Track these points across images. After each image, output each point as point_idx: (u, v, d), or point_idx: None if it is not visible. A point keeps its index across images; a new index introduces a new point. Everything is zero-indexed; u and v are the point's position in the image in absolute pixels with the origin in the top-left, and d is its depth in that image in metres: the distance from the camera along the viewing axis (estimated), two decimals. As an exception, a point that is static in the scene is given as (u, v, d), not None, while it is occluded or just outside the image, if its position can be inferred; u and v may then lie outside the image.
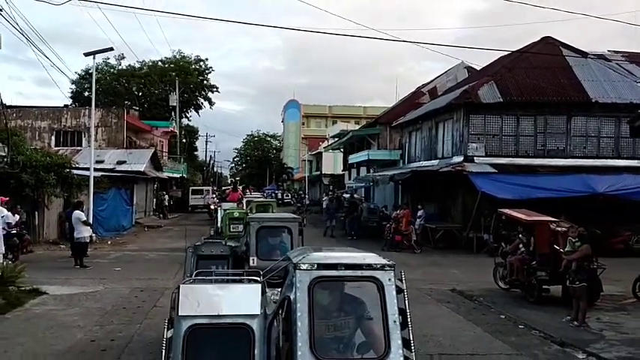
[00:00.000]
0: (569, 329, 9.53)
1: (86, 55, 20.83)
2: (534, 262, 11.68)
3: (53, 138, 36.00)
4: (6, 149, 13.81)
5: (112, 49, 21.52)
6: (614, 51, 27.73)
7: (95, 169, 21.64)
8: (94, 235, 17.79)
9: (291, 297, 3.79)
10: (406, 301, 3.91)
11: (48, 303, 10.95)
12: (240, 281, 4.34)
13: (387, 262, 3.97)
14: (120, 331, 8.89)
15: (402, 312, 3.85)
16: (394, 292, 3.86)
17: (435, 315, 10.52)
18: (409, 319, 3.85)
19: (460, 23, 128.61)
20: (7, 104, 41.14)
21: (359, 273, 3.89)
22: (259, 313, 3.84)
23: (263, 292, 4.00)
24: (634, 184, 19.90)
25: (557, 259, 10.98)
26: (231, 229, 15.06)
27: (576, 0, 36.26)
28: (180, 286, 3.90)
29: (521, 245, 12.31)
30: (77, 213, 15.77)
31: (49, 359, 7.57)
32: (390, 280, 3.87)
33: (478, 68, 30.53)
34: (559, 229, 11.35)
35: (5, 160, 12.80)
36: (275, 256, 7.57)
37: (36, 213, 19.51)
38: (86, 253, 15.80)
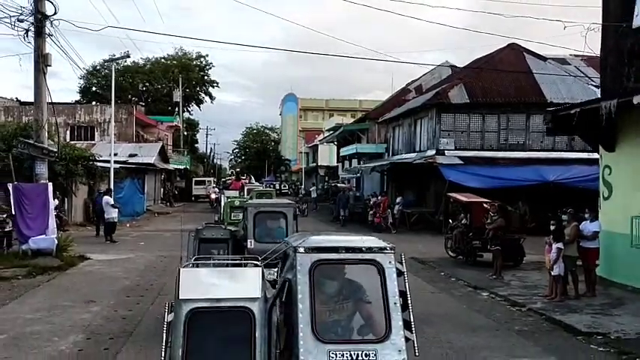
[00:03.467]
0: (487, 280, 12.85)
1: (106, 62, 24.01)
2: (471, 234, 15.01)
3: (68, 133, 39.09)
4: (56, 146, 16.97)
5: (128, 55, 24.73)
6: (575, 55, 30.87)
7: (111, 161, 24.92)
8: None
9: (292, 280, 3.83)
10: (406, 284, 3.93)
11: (95, 264, 14.35)
12: (240, 265, 4.35)
13: (387, 245, 3.99)
14: (155, 280, 12.21)
15: (402, 294, 3.88)
16: (394, 275, 3.87)
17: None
18: (409, 301, 3.89)
19: (464, 13, 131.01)
20: (24, 100, 44.58)
21: (359, 256, 3.92)
22: (259, 296, 3.86)
23: (263, 276, 4.02)
24: (579, 173, 23.14)
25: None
26: (232, 217, 15.55)
27: None
28: (181, 270, 3.91)
29: (463, 221, 15.62)
30: (106, 198, 19.18)
31: (107, 294, 10.85)
32: (390, 262, 3.89)
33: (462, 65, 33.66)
34: (489, 207, 14.62)
35: (55, 154, 15.95)
36: (271, 240, 8.11)
37: (65, 199, 22.75)
38: (114, 231, 19.14)
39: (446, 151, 25.56)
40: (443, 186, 24.04)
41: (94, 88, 56.63)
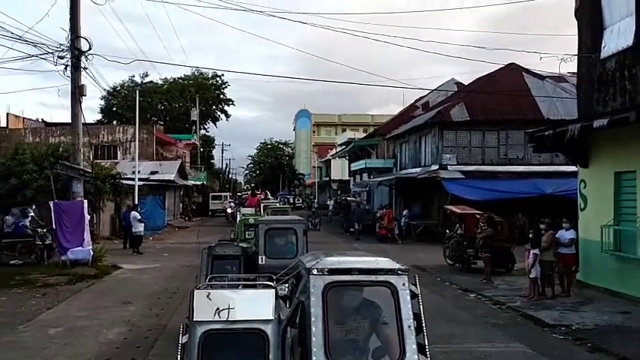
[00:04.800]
0: (477, 284, 14.25)
1: (133, 86, 25.89)
2: (465, 243, 16.44)
3: (92, 152, 41.13)
4: (90, 167, 18.78)
5: (147, 74, 26.57)
6: (573, 73, 32.15)
7: (136, 179, 26.76)
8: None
9: (305, 302, 3.79)
10: (421, 306, 3.90)
11: (126, 273, 16.04)
12: (254, 285, 4.37)
13: (401, 267, 3.96)
14: (181, 285, 13.76)
15: (416, 317, 3.83)
16: (408, 297, 3.82)
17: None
18: (424, 324, 3.85)
19: (478, 27, 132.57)
20: (50, 121, 46.86)
21: (373, 278, 3.87)
22: (273, 318, 3.85)
23: (276, 297, 4.02)
24: (575, 186, 24.40)
25: (479, 240, 15.72)
26: (246, 236, 15.45)
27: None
28: (195, 291, 3.93)
29: (458, 231, 17.07)
30: (134, 213, 20.97)
31: (141, 297, 12.46)
32: (404, 284, 3.85)
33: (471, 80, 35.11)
34: (480, 218, 16.06)
35: (90, 174, 17.73)
36: (282, 256, 8.45)
37: (94, 215, 24.52)
38: (141, 243, 20.85)
39: (448, 166, 27.01)
40: (446, 199, 25.49)
41: (114, 108, 58.98)
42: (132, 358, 7.97)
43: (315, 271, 3.85)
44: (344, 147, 52.97)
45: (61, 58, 15.85)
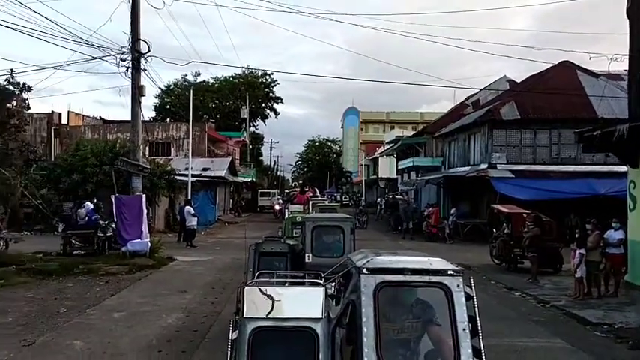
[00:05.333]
0: (523, 283, 14.31)
1: (186, 86, 26.92)
2: (512, 242, 16.46)
3: (147, 149, 42.76)
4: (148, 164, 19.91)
5: (199, 73, 27.47)
6: (629, 70, 31.25)
7: (189, 175, 27.82)
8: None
9: (356, 301, 3.75)
10: (476, 309, 3.82)
11: (181, 264, 16.87)
12: (303, 283, 4.37)
13: (455, 268, 3.88)
14: (232, 277, 14.42)
15: (471, 319, 3.74)
16: (463, 299, 3.74)
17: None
18: (479, 327, 3.76)
19: (532, 24, 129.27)
20: (107, 119, 48.95)
21: (426, 278, 3.80)
22: (323, 316, 3.82)
23: (326, 296, 3.99)
24: (629, 186, 23.88)
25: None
26: (294, 234, 15.42)
27: (607, 19, 39.12)
28: (245, 287, 3.95)
29: (505, 230, 17.08)
30: (187, 208, 21.91)
31: (196, 287, 13.17)
32: (458, 286, 3.76)
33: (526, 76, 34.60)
34: (527, 218, 16.04)
35: (149, 170, 18.75)
36: (329, 254, 8.50)
37: (150, 209, 25.67)
38: (194, 237, 21.76)
39: (498, 165, 26.82)
40: (495, 198, 25.37)
41: (168, 106, 60.95)
42: (190, 340, 8.60)
43: (365, 271, 3.78)
44: (392, 145, 52.99)
45: (123, 60, 16.80)
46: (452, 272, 3.85)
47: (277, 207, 42.32)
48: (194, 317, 10.10)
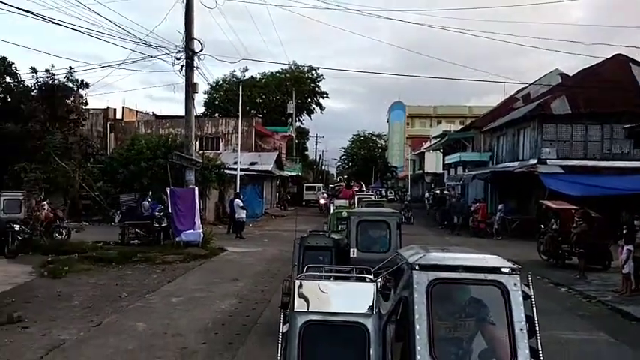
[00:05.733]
0: (570, 279, 14.26)
1: (235, 80, 27.67)
2: (560, 238, 16.35)
3: (197, 143, 43.98)
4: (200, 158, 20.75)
5: (247, 68, 28.13)
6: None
7: (238, 169, 28.65)
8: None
9: (408, 298, 3.71)
10: (534, 308, 3.77)
11: (232, 255, 17.56)
12: (354, 278, 4.34)
13: (512, 265, 3.78)
14: (280, 268, 14.93)
15: (529, 319, 3.67)
16: (520, 298, 3.65)
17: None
18: (537, 327, 3.72)
19: (587, 14, 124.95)
20: (160, 114, 50.60)
21: (481, 276, 3.74)
22: (375, 312, 3.81)
23: (378, 291, 3.97)
24: (685, 182, 23.15)
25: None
26: (339, 229, 15.21)
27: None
28: (296, 281, 3.97)
29: (553, 226, 16.97)
30: (237, 201, 22.67)
31: (247, 276, 13.76)
32: (515, 284, 3.67)
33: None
34: (576, 214, 15.90)
35: (201, 164, 19.55)
36: (374, 249, 8.47)
37: (201, 202, 26.59)
38: (243, 229, 22.48)
39: (548, 161, 26.42)
40: (543, 194, 25.04)
41: (216, 101, 62.38)
42: (242, 324, 9.16)
43: (418, 267, 3.72)
44: (438, 140, 52.66)
45: (178, 59, 17.54)
46: (509, 270, 3.72)
47: (322, 201, 42.78)
48: (246, 304, 10.66)
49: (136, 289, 11.99)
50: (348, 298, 3.88)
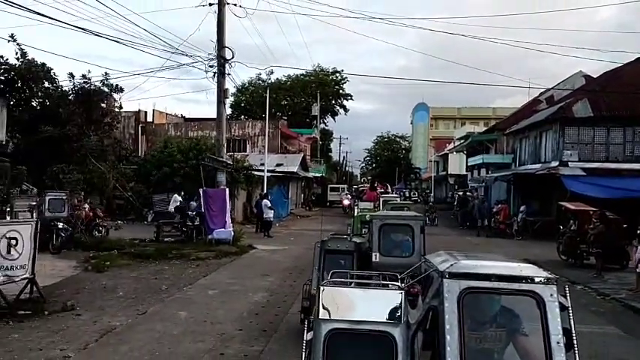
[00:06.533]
0: (587, 278, 14.75)
1: (262, 84, 28.57)
2: (578, 239, 16.82)
3: (225, 145, 45.08)
4: (230, 160, 21.69)
5: (272, 72, 29.04)
6: None
7: (265, 170, 29.57)
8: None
9: (439, 307, 3.58)
10: (571, 320, 3.64)
11: (261, 252, 18.43)
12: (381, 285, 4.22)
13: (549, 275, 3.66)
14: (307, 265, 15.61)
15: (566, 332, 3.52)
16: (557, 310, 3.51)
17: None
18: (575, 341, 3.58)
19: (616, 10, 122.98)
20: (189, 117, 51.90)
21: (516, 286, 3.58)
22: (402, 321, 3.69)
23: (406, 299, 3.85)
24: None
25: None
26: (363, 233, 15.53)
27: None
28: (321, 287, 3.87)
29: (572, 227, 17.44)
30: (265, 201, 23.60)
31: (276, 271, 14.58)
32: (552, 295, 3.53)
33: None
34: (593, 215, 16.36)
35: (232, 166, 20.50)
36: (397, 253, 8.32)
37: (230, 202, 27.55)
38: (270, 228, 23.37)
39: (569, 163, 26.74)
40: (564, 195, 25.37)
41: (242, 104, 63.59)
42: (275, 315, 9.97)
43: (449, 275, 3.60)
44: (462, 141, 52.96)
45: (211, 67, 18.48)
46: (544, 280, 3.59)
47: (346, 202, 43.54)
48: (276, 296, 11.48)
49: (174, 282, 12.90)
50: (375, 306, 3.78)
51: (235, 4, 19.49)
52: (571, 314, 3.70)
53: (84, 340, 8.30)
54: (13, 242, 9.86)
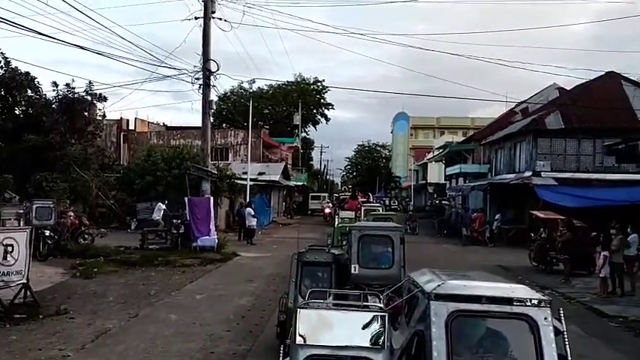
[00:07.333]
0: (556, 283, 15.58)
1: (244, 93, 29.16)
2: (548, 246, 17.69)
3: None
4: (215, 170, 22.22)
5: (254, 80, 29.65)
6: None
7: (248, 179, 30.11)
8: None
9: (425, 332, 3.39)
10: (567, 346, 3.45)
11: (244, 259, 18.99)
12: (361, 306, 3.90)
13: (543, 297, 3.47)
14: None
15: (561, 358, 3.34)
16: (552, 335, 3.31)
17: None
18: None
19: (590, 23, 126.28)
20: (170, 125, 52.16)
21: (507, 309, 3.38)
22: (385, 347, 3.47)
23: (389, 322, 3.59)
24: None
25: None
26: (344, 244, 15.23)
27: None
28: (299, 310, 3.61)
29: (542, 235, 18.32)
30: (248, 209, 24.16)
31: (260, 277, 15.14)
32: (546, 319, 3.33)
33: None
34: (561, 223, 17.25)
35: (216, 175, 21.00)
36: (376, 265, 8.12)
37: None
38: (253, 236, 23.90)
39: (542, 173, 27.81)
40: (538, 205, 26.37)
41: (224, 112, 63.96)
42: (260, 317, 10.56)
43: (436, 297, 3.40)
44: (440, 151, 54.14)
45: (197, 79, 19.03)
46: (538, 302, 3.43)
47: (327, 210, 44.21)
48: (261, 300, 12.06)
49: (162, 288, 13.39)
50: (356, 329, 3.54)
51: (220, 19, 20.10)
52: (566, 339, 3.47)
53: (80, 341, 8.78)
54: (10, 249, 10.30)
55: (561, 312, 3.70)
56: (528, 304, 3.44)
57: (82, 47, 16.40)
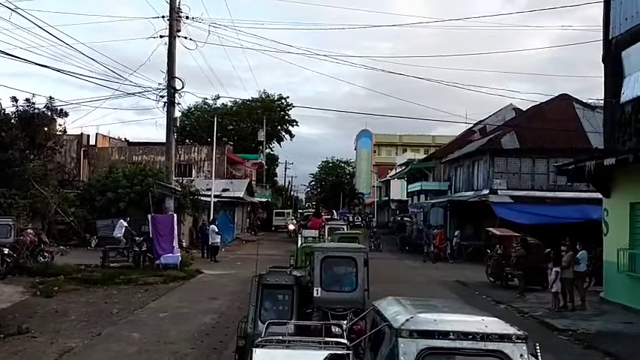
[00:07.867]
0: (511, 297, 16.19)
1: (209, 110, 29.25)
2: (503, 262, 18.36)
3: (170, 170, 45.18)
4: (179, 187, 22.21)
5: (218, 97, 29.87)
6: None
7: (212, 196, 30.13)
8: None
9: None
10: None
11: (208, 277, 19.03)
12: (323, 343, 3.61)
13: (518, 332, 3.34)
14: (254, 288, 16.50)
15: None
16: None
17: (436, 292, 17.43)
18: None
19: (550, 48, 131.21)
20: (132, 140, 51.61)
21: (481, 345, 3.22)
22: None
23: None
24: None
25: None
26: (307, 265, 14.37)
27: None
28: (255, 350, 3.40)
29: (498, 251, 19.00)
30: (212, 227, 24.19)
31: (224, 295, 15.24)
32: (522, 356, 3.23)
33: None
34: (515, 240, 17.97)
35: (180, 192, 21.01)
36: (339, 288, 7.93)
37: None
38: (217, 253, 23.91)
39: (499, 191, 28.76)
40: (495, 222, 27.25)
41: (187, 128, 63.63)
42: (225, 334, 10.69)
43: (405, 334, 3.18)
44: (403, 168, 55.18)
45: (162, 97, 19.12)
46: (514, 338, 3.29)
47: (291, 227, 44.36)
48: (225, 318, 12.19)
49: (125, 306, 13.36)
50: None
51: (186, 37, 20.29)
52: None
53: (43, 361, 8.78)
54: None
55: (537, 347, 3.54)
56: (502, 339, 3.28)
57: (41, 64, 16.30)
